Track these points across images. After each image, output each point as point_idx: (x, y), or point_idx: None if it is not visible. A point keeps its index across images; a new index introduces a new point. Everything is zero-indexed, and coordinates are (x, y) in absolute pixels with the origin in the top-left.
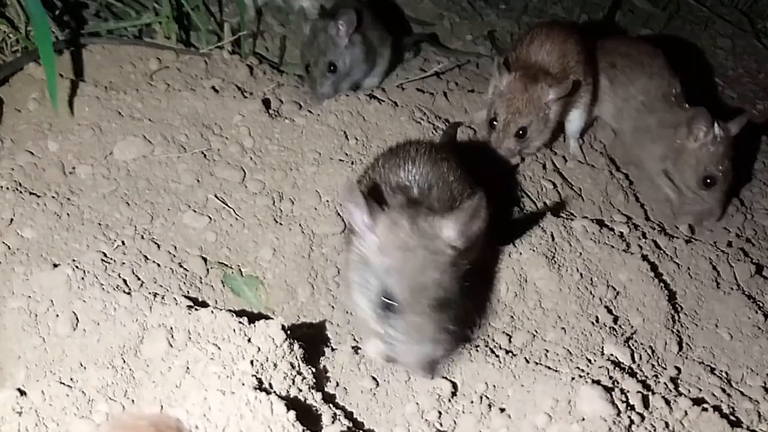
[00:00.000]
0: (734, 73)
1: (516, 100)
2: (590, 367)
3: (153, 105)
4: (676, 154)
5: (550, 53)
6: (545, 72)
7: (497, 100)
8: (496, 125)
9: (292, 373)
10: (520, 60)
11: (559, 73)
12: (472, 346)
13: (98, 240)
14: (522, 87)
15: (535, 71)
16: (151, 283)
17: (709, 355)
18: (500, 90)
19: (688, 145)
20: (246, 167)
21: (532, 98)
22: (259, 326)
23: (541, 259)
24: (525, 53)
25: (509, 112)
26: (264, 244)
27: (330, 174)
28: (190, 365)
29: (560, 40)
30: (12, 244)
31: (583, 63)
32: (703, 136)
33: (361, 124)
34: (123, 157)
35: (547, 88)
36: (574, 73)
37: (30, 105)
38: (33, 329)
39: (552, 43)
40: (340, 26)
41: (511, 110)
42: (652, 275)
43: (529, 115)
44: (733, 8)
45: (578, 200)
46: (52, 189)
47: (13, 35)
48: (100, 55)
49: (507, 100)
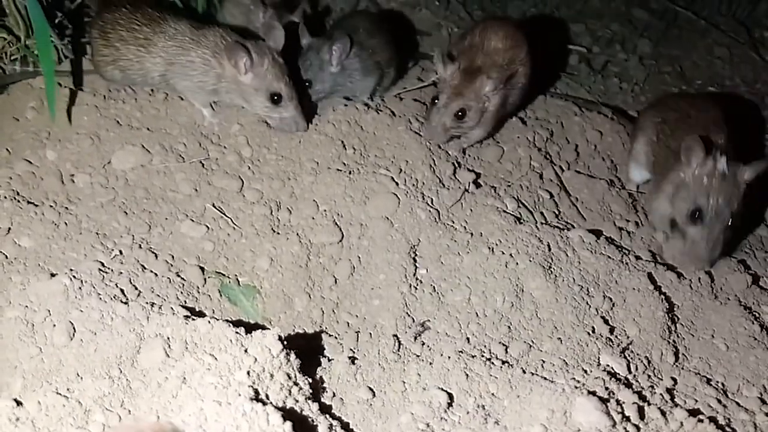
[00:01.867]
0: (731, 83)
1: (459, 86)
2: (586, 378)
3: (152, 114)
4: (676, 189)
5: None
6: (491, 63)
7: (441, 85)
8: (437, 103)
9: (288, 383)
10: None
11: (507, 64)
12: (469, 356)
13: (96, 249)
14: (465, 77)
15: (479, 64)
16: (149, 293)
17: (706, 365)
18: (443, 78)
19: (683, 175)
20: (244, 176)
21: (474, 87)
22: (255, 336)
23: (537, 270)
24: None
25: (452, 93)
26: (261, 254)
27: (327, 183)
28: (187, 375)
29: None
30: (9, 253)
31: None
32: (696, 164)
33: (359, 133)
34: (121, 166)
35: (487, 79)
36: (522, 65)
37: (28, 114)
38: (30, 339)
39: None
40: (333, 51)
41: (454, 92)
42: (648, 286)
43: (470, 101)
44: (730, 18)
45: (575, 210)
46: (50, 198)
47: (12, 44)
48: None
49: (450, 86)
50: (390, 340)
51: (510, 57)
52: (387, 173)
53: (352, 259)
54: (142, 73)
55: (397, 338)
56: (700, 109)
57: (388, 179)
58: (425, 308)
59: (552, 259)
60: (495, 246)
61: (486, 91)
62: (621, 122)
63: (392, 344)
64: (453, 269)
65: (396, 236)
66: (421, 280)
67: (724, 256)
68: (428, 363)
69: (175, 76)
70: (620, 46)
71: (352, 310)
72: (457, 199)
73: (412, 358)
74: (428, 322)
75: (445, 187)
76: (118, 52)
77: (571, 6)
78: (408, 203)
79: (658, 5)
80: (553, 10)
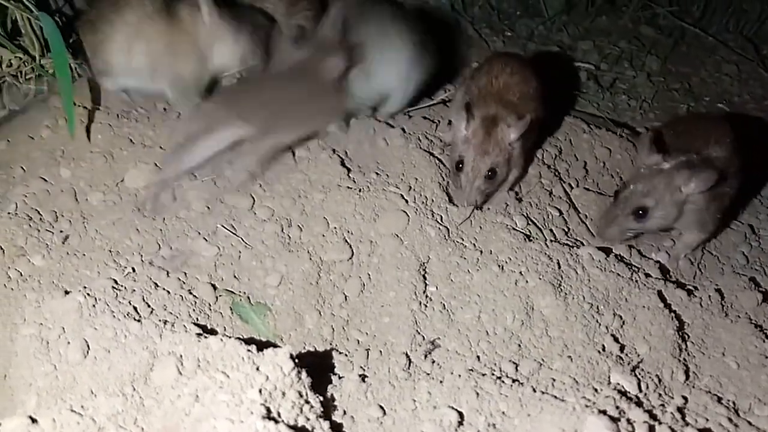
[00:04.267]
0: (740, 100)
1: (483, 144)
2: (597, 397)
3: (164, 133)
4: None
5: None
6: (505, 104)
7: (461, 144)
8: (464, 167)
9: (300, 401)
10: (480, 91)
11: (519, 100)
12: (479, 375)
13: (109, 267)
14: (486, 130)
15: (495, 110)
16: (161, 310)
17: (717, 384)
18: (465, 135)
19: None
20: (255, 194)
21: (498, 140)
22: (267, 354)
23: (547, 287)
24: (485, 84)
25: (477, 153)
26: (272, 271)
27: (338, 201)
28: (200, 393)
29: (518, 67)
30: (24, 271)
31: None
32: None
33: (369, 151)
34: (134, 184)
35: (508, 129)
36: (533, 100)
37: (43, 132)
38: (44, 356)
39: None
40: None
41: (479, 152)
42: (658, 303)
43: (497, 157)
44: (738, 34)
45: (584, 227)
46: (64, 216)
47: (27, 63)
48: None
49: (473, 145)
50: (400, 358)
51: (521, 91)
52: (396, 191)
53: (362, 276)
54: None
55: (407, 356)
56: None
57: (398, 197)
58: (435, 326)
59: (562, 276)
60: (505, 263)
61: (510, 140)
62: (630, 139)
63: (402, 362)
64: (463, 287)
65: (406, 253)
66: (431, 297)
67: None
68: (439, 381)
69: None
70: (628, 63)
71: (362, 328)
72: (467, 216)
73: (423, 376)
74: (438, 340)
75: (454, 204)
76: None
77: (579, 23)
78: (417, 220)
79: (666, 22)
80: (561, 27)
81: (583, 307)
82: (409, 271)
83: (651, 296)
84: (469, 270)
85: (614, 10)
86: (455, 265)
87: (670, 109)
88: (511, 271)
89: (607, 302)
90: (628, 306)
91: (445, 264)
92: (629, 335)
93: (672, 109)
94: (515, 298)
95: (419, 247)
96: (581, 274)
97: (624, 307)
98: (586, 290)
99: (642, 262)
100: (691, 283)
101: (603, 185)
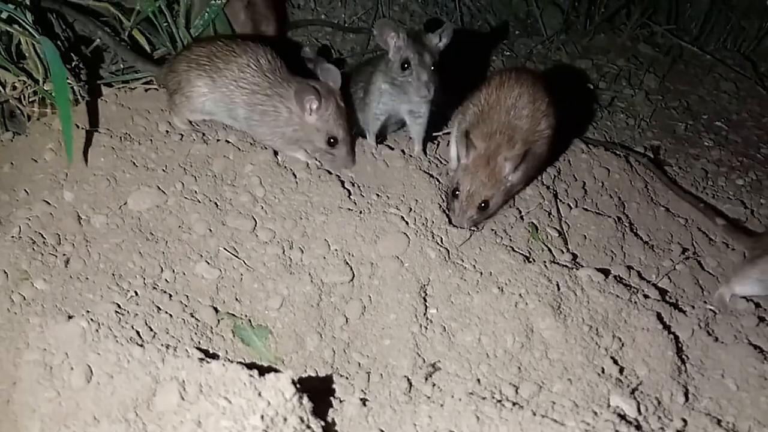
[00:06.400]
0: (738, 117)
1: (478, 176)
2: (596, 420)
3: (167, 155)
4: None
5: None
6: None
7: (460, 171)
8: (459, 195)
9: (301, 427)
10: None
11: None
12: (479, 398)
13: (112, 290)
14: (485, 161)
15: (497, 138)
16: (164, 334)
17: (716, 406)
18: (464, 163)
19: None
20: (257, 216)
21: (494, 172)
22: (269, 379)
23: (547, 309)
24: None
25: (473, 184)
26: (273, 294)
27: (339, 223)
28: (202, 419)
29: (529, 86)
30: (27, 295)
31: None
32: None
33: (369, 172)
34: (137, 207)
35: (504, 162)
36: (546, 116)
37: (46, 155)
38: (48, 382)
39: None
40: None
41: (475, 183)
42: (657, 325)
43: (492, 188)
44: (736, 52)
45: (584, 248)
46: (67, 239)
47: (30, 86)
48: (115, 105)
49: (470, 174)
50: (401, 381)
51: (531, 111)
52: (397, 212)
53: (363, 298)
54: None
55: (408, 379)
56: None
57: (398, 218)
58: (436, 348)
59: (561, 298)
60: (504, 285)
61: (505, 174)
62: (629, 160)
63: (403, 385)
64: (463, 309)
65: (406, 275)
66: (432, 319)
67: None
68: (439, 405)
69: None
70: (626, 81)
71: (363, 350)
72: (467, 238)
73: (423, 400)
74: (439, 363)
75: (454, 225)
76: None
77: (577, 42)
78: (418, 242)
79: (664, 40)
80: (559, 46)
81: (583, 329)
82: (410, 293)
83: (650, 318)
84: (470, 292)
85: (612, 29)
86: (455, 286)
87: (669, 127)
88: (511, 293)
89: (606, 324)
90: (627, 328)
91: (445, 286)
92: (628, 357)
93: (670, 127)
94: (515, 320)
95: (419, 269)
96: (580, 296)
97: (623, 328)
98: (586, 312)
99: (641, 283)
100: (689, 303)
101: (602, 205)
